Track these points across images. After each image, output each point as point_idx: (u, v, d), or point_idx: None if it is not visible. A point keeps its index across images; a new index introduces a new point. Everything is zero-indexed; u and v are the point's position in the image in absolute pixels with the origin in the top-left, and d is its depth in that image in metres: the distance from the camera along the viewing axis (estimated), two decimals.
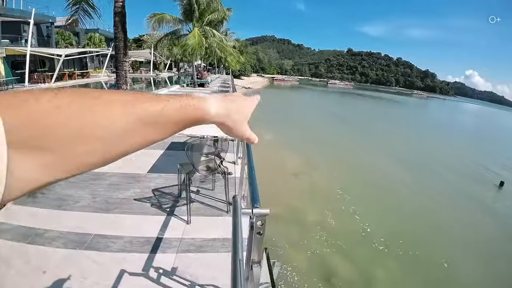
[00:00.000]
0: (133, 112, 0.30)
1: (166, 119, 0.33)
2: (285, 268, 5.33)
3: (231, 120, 0.42)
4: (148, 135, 0.32)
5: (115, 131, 0.29)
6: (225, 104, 0.41)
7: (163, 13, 16.62)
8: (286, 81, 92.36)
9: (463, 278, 5.87)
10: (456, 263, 6.29)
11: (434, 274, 5.92)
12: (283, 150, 13.22)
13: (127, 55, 6.54)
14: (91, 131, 0.27)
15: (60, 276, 2.16)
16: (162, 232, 2.80)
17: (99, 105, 0.28)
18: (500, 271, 6.40)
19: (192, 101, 0.36)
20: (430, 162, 14.97)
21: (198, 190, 3.70)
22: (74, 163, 0.27)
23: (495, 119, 73.11)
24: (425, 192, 10.35)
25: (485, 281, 6.01)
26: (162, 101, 0.33)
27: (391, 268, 5.84)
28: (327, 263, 5.77)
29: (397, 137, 21.94)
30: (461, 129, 36.24)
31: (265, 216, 1.40)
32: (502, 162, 17.39)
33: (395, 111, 48.66)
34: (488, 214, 9.34)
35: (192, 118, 0.36)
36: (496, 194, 11.60)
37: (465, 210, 9.46)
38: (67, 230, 2.72)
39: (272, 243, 6.06)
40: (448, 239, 7.39)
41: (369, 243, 6.53)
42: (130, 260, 2.41)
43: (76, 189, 3.51)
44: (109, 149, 0.29)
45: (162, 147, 5.38)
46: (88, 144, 0.27)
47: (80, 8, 6.47)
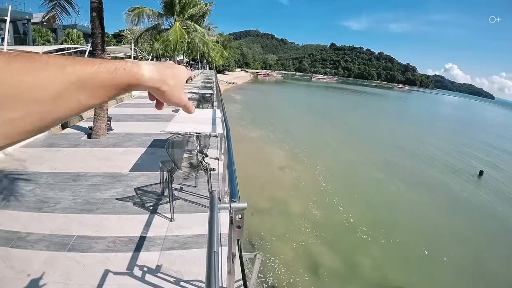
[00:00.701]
0: (65, 75, 0.30)
1: (98, 82, 0.33)
2: (272, 261, 5.43)
3: (166, 85, 0.42)
4: (82, 99, 0.32)
5: (49, 94, 0.29)
6: (159, 69, 0.41)
7: (142, 7, 16.17)
8: (271, 76, 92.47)
9: (442, 263, 6.18)
10: (435, 248, 6.58)
11: (415, 260, 6.20)
12: (269, 145, 13.34)
13: (105, 51, 6.36)
14: (27, 92, 0.27)
15: (44, 278, 2.14)
16: (145, 231, 2.79)
17: (36, 69, 0.28)
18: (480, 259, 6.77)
19: (125, 65, 0.36)
20: (411, 153, 15.52)
21: (181, 188, 3.70)
22: (11, 127, 0.27)
23: (472, 109, 76.16)
24: (405, 182, 10.72)
25: (463, 264, 6.36)
26: (95, 63, 0.33)
27: (374, 256, 6.06)
28: (312, 254, 5.91)
29: (379, 129, 22.54)
30: (440, 119, 37.59)
31: (243, 210, 1.44)
32: (481, 151, 18.31)
33: (376, 104, 49.78)
34: (467, 202, 9.80)
35: (125, 82, 0.36)
36: (476, 183, 12.14)
37: (446, 198, 9.87)
38: (49, 232, 2.68)
39: (259, 236, 6.16)
40: (428, 226, 7.74)
41: (353, 233, 6.75)
42: (114, 260, 2.40)
43: (56, 190, 3.44)
44: (45, 113, 0.29)
45: (144, 145, 5.32)
46: (24, 106, 0.27)
47: (57, 4, 6.22)
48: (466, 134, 26.43)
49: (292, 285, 4.97)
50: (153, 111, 8.57)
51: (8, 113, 0.26)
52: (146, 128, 6.62)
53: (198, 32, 17.88)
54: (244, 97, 32.29)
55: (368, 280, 5.44)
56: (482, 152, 18.20)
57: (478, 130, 31.48)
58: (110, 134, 5.95)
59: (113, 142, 5.48)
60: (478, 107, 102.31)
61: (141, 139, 5.73)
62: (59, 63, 0.30)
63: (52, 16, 6.52)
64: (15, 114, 0.27)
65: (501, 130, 34.17)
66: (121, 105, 9.51)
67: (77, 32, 30.70)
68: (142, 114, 8.16)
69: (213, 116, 4.90)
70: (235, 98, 30.80)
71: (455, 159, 15.20)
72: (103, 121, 5.68)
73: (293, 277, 5.13)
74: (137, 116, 7.91)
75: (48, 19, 6.63)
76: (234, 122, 16.68)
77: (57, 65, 0.30)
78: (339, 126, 22.11)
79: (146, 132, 6.30)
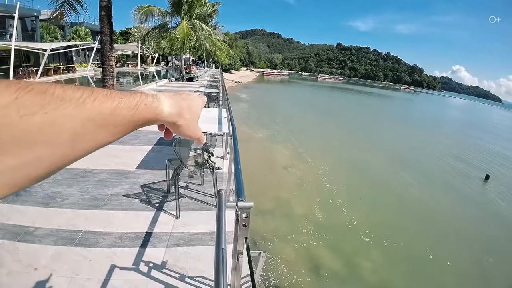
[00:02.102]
0: (83, 112, 0.27)
1: (118, 120, 0.30)
2: (274, 260, 5.45)
3: (183, 119, 0.41)
4: (100, 137, 0.29)
5: (64, 136, 0.25)
6: (177, 102, 0.40)
7: (150, 6, 16.30)
8: (276, 75, 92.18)
9: (447, 268, 6.13)
10: (440, 253, 6.52)
11: (419, 264, 6.16)
12: (274, 145, 13.36)
13: (113, 49, 6.43)
14: (36, 135, 0.23)
15: (51, 273, 2.18)
16: (151, 227, 2.84)
17: (50, 105, 0.24)
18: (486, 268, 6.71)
19: (146, 99, 0.34)
20: (417, 155, 15.40)
21: (187, 186, 3.74)
22: (14, 174, 0.23)
23: (480, 113, 75.13)
24: (411, 184, 10.65)
25: (466, 269, 6.31)
26: (115, 98, 0.30)
27: (376, 259, 6.03)
28: (315, 255, 5.91)
29: (383, 130, 22.39)
30: (447, 122, 37.18)
31: (249, 209, 1.47)
32: (488, 155, 18.09)
33: (383, 105, 49.39)
34: (473, 206, 9.69)
35: (145, 118, 0.34)
36: (482, 187, 12.01)
37: (452, 202, 9.77)
38: (57, 227, 2.72)
39: (261, 236, 6.18)
40: (433, 230, 7.69)
41: (356, 235, 6.71)
42: (120, 255, 2.45)
43: (64, 186, 3.50)
44: (56, 156, 0.25)
45: (150, 143, 5.37)
46: (31, 150, 0.23)
47: (66, 2, 6.32)
48: (473, 136, 26.12)
49: (294, 285, 4.99)
50: None
51: (11, 159, 0.22)
52: (153, 126, 6.66)
53: (204, 31, 17.95)
54: (249, 96, 32.29)
55: (369, 284, 5.42)
56: (488, 155, 18.00)
57: (485, 133, 31.08)
58: None
59: (120, 139, 5.53)
60: (486, 110, 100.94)
61: (147, 136, 5.79)
62: (76, 97, 0.26)
63: (60, 13, 6.62)
64: (20, 160, 0.23)
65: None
66: None
67: (84, 30, 30.95)
68: None
69: (219, 116, 4.93)
70: (241, 97, 30.82)
71: (461, 162, 15.04)
72: None
73: (295, 277, 5.15)
74: None
75: (56, 16, 6.74)
76: (239, 122, 16.72)
77: (74, 101, 0.26)
78: (343, 126, 22.01)
79: (152, 130, 6.33)
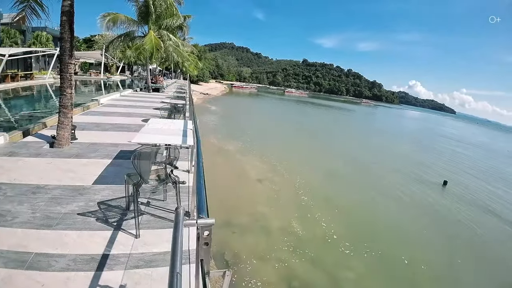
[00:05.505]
0: None
1: None
2: (248, 280, 5.34)
3: None
4: None
5: None
6: None
7: (117, 13, 15.77)
8: (245, 88, 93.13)
9: (422, 272, 6.53)
10: (415, 257, 7.00)
11: (396, 270, 6.52)
12: (246, 157, 13.38)
13: (73, 56, 6.10)
14: None
15: None
16: (108, 248, 2.66)
17: None
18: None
19: None
20: (382, 165, 16.47)
21: (148, 202, 3.58)
22: None
23: (432, 123, 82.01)
24: (381, 193, 11.40)
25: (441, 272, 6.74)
26: None
27: (358, 270, 6.23)
28: (295, 272, 5.88)
29: (349, 142, 23.51)
30: (405, 133, 40.00)
31: (210, 226, 1.44)
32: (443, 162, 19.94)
33: (346, 118, 51.90)
34: (437, 213, 10.48)
35: None
36: (441, 193, 13.10)
37: (419, 210, 10.47)
38: (7, 248, 2.49)
39: (233, 253, 6.03)
40: (405, 236, 8.25)
41: (336, 248, 6.88)
42: (74, 280, 2.26)
43: (14, 203, 3.19)
44: None
45: (110, 157, 5.10)
46: None
47: (27, 6, 5.91)
48: (430, 146, 28.52)
49: None
50: (121, 121, 8.26)
51: None
52: (113, 138, 6.36)
53: (172, 42, 17.71)
54: (218, 108, 32.22)
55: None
56: (446, 162, 19.90)
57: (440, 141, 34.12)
58: (74, 143, 5.65)
59: (76, 152, 5.19)
60: (440, 120, 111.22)
61: (107, 149, 5.50)
62: None
63: (22, 17, 6.19)
64: None
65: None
66: (87, 113, 9.05)
67: (46, 35, 29.01)
68: (109, 123, 7.84)
69: (184, 128, 4.85)
70: (210, 109, 30.65)
71: (421, 170, 16.31)
72: (67, 129, 5.39)
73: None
74: (104, 125, 7.58)
75: (18, 20, 6.28)
76: (208, 134, 16.54)
77: None
78: (311, 137, 22.76)
79: (113, 142, 6.05)
